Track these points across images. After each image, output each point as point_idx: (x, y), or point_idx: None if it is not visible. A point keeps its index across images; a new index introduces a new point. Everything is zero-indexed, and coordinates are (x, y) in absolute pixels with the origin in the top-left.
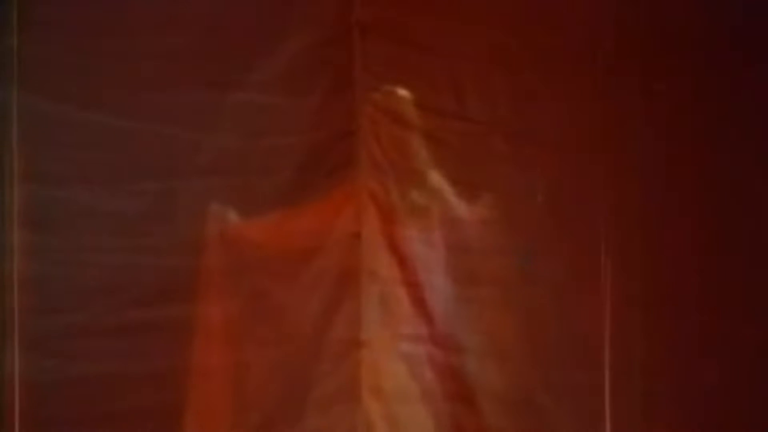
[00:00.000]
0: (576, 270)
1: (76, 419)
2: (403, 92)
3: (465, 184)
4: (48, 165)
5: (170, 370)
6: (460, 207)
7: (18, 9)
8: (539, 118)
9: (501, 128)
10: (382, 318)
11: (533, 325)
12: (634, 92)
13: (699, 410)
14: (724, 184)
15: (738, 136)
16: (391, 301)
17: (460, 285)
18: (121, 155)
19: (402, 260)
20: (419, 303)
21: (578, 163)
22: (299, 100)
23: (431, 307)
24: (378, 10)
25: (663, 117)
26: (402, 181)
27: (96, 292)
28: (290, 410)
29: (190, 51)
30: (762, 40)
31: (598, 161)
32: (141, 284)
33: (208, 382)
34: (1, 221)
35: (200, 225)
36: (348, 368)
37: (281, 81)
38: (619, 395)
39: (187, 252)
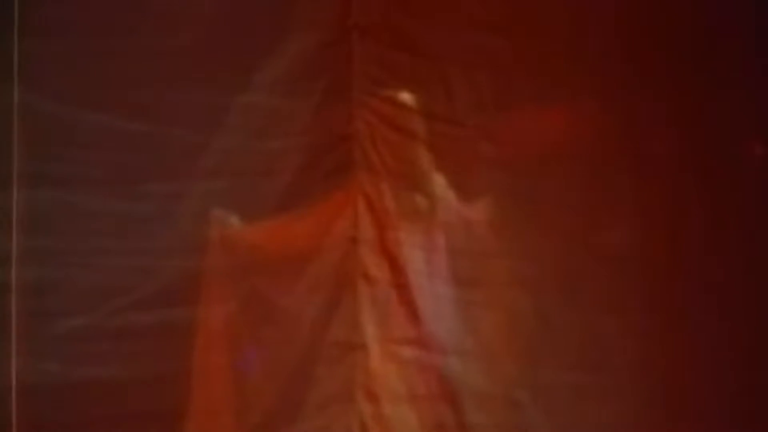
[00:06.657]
0: (559, 271)
1: (79, 423)
2: (400, 96)
3: (458, 188)
4: (50, 166)
5: (172, 372)
6: (455, 210)
7: (20, 9)
8: (535, 122)
9: (495, 133)
10: (377, 321)
11: (521, 326)
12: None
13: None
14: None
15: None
16: (386, 305)
17: (454, 288)
18: (122, 157)
19: (396, 264)
20: (412, 306)
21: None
22: (297, 102)
23: (423, 310)
24: (376, 13)
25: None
26: (398, 185)
27: (98, 295)
28: (288, 411)
29: (190, 52)
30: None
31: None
32: (143, 287)
33: (209, 384)
34: (2, 223)
35: (202, 227)
36: (344, 370)
37: (280, 83)
38: (599, 396)
39: (189, 254)
